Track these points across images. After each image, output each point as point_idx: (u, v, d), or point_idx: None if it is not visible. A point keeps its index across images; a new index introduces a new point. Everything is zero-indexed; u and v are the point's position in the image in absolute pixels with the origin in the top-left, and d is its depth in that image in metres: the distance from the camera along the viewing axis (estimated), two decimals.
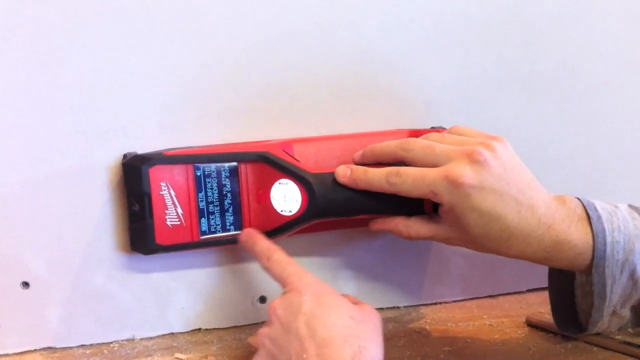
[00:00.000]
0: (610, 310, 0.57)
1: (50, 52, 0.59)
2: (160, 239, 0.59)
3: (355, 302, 0.55)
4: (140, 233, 0.59)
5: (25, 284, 0.61)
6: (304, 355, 0.49)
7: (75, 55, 0.59)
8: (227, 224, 0.60)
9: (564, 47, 0.70)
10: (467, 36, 0.67)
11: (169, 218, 0.59)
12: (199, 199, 0.60)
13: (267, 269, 0.58)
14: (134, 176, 0.58)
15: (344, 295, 0.57)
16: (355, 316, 0.52)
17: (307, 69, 0.64)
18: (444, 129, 0.65)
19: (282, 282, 0.56)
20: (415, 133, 0.64)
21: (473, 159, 0.55)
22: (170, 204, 0.59)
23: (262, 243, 0.59)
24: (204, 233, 0.60)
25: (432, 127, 0.67)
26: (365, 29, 0.65)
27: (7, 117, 0.59)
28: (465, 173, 0.55)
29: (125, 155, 0.60)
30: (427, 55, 0.67)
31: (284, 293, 0.54)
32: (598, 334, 0.61)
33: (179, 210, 0.59)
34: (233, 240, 0.61)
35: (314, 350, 0.49)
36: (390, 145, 0.60)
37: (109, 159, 0.61)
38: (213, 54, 0.62)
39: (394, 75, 0.67)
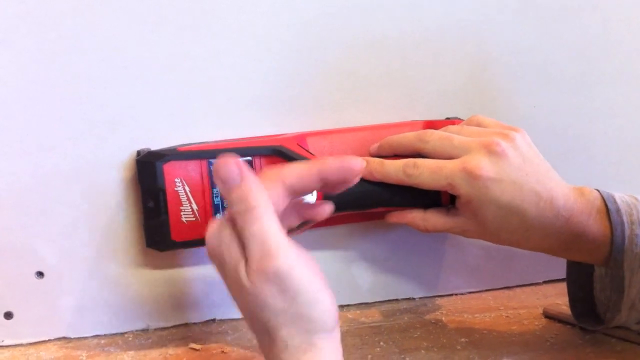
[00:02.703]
0: (629, 305, 0.57)
1: (61, 41, 0.58)
2: (176, 235, 0.58)
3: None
4: (155, 230, 0.58)
5: (40, 274, 0.61)
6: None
7: (86, 44, 0.59)
8: None
9: (579, 36, 0.68)
10: (481, 24, 0.66)
11: (184, 214, 0.58)
12: (214, 195, 0.59)
13: None
14: (148, 173, 0.58)
15: None
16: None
17: (320, 58, 0.64)
18: (459, 119, 0.65)
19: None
20: (431, 124, 0.63)
21: (491, 150, 0.55)
22: (185, 200, 0.58)
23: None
24: None
25: (447, 118, 0.66)
26: (378, 17, 0.64)
27: (18, 105, 0.58)
28: (483, 165, 0.54)
29: (138, 152, 0.60)
30: (441, 43, 0.66)
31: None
32: (617, 326, 0.60)
33: (194, 206, 0.59)
34: None
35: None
36: (407, 137, 0.59)
37: (121, 148, 0.60)
38: (224, 45, 0.61)
39: (408, 64, 0.66)
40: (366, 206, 0.60)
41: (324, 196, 0.58)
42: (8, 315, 0.61)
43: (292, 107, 0.64)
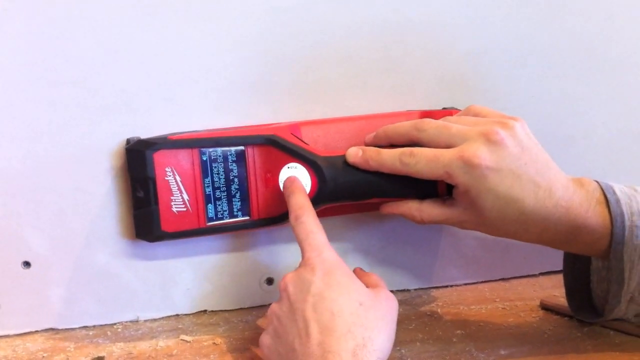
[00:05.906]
0: (628, 297, 0.56)
1: (51, 24, 0.57)
2: (166, 225, 0.57)
3: (374, 285, 0.54)
4: (145, 220, 0.57)
5: (27, 264, 0.60)
6: (306, 341, 0.48)
7: (77, 27, 0.57)
8: (235, 209, 0.59)
9: (579, 24, 0.67)
10: (481, 10, 0.65)
11: (174, 204, 0.57)
12: (205, 185, 0.58)
13: (292, 227, 0.55)
14: (138, 161, 0.56)
15: (366, 274, 0.57)
16: (366, 302, 0.51)
17: (316, 43, 0.63)
18: (457, 109, 0.64)
19: (301, 248, 0.54)
20: (427, 114, 0.62)
21: (490, 139, 0.54)
22: (176, 189, 0.57)
23: (298, 198, 0.56)
24: (210, 219, 0.59)
25: (444, 108, 0.65)
26: (376, 3, 0.63)
27: (7, 90, 0.57)
28: (482, 153, 0.53)
29: (128, 140, 0.59)
30: (440, 29, 0.65)
31: (299, 266, 0.53)
32: (615, 319, 0.59)
33: (185, 196, 0.58)
34: (241, 227, 0.59)
35: (316, 336, 0.48)
36: (404, 126, 0.58)
37: (111, 136, 0.59)
38: (218, 29, 0.60)
39: (406, 50, 0.65)
40: (362, 196, 0.59)
41: (317, 186, 0.57)
42: None
43: (287, 95, 0.63)
